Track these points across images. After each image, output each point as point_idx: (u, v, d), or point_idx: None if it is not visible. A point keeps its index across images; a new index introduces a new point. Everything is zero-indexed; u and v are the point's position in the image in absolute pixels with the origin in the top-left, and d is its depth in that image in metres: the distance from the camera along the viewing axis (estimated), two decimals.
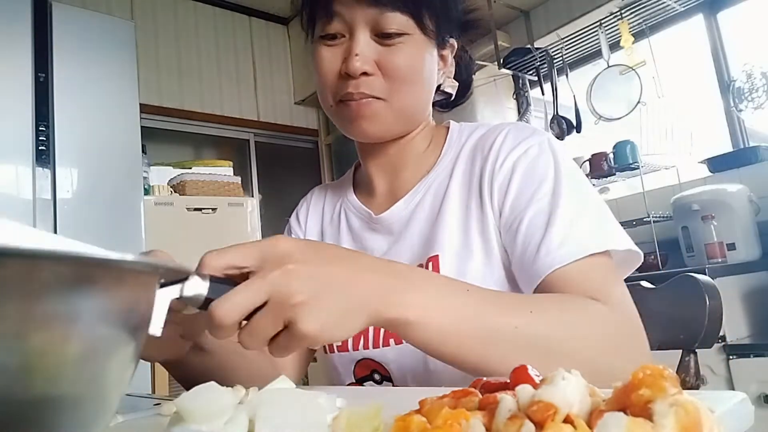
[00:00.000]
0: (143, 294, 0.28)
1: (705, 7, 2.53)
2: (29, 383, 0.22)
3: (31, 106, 2.01)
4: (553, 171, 0.64)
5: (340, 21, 0.66)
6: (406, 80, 0.67)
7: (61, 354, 0.23)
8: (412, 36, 0.66)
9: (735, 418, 0.30)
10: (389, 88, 0.66)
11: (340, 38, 0.67)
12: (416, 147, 0.76)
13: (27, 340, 0.22)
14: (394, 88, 0.66)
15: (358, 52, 0.65)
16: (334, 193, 0.86)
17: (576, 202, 0.62)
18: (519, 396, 0.27)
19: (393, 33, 0.65)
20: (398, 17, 0.65)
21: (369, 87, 0.66)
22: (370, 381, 0.72)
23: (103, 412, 0.27)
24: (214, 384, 0.35)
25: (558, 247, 0.59)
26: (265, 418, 0.33)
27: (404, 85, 0.67)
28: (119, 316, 0.26)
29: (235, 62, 3.38)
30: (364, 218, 0.78)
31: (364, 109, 0.67)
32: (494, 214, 0.66)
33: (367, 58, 0.65)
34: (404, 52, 0.66)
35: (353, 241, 0.79)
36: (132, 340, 0.28)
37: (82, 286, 0.24)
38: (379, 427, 0.30)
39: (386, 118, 0.68)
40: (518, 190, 0.65)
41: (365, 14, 0.65)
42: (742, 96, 2.36)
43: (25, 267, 0.22)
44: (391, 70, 0.66)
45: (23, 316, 0.22)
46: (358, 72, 0.65)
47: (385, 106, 0.67)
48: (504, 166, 0.67)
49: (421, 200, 0.73)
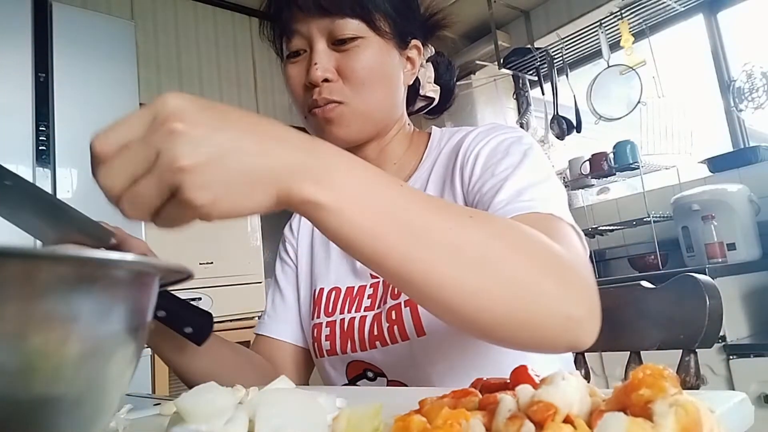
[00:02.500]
0: (143, 294, 0.28)
1: (705, 7, 2.53)
2: (29, 383, 0.22)
3: (31, 106, 2.01)
4: (520, 155, 0.65)
5: (300, 37, 0.70)
6: (364, 82, 0.69)
7: (61, 354, 0.23)
8: (367, 39, 0.69)
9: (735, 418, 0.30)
10: (350, 91, 0.69)
11: (303, 54, 0.71)
12: (394, 150, 0.78)
13: (27, 341, 0.22)
14: (354, 90, 0.69)
15: (317, 62, 0.68)
16: None
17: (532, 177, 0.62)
18: (519, 396, 0.27)
19: (347, 38, 0.68)
20: (350, 23, 0.68)
21: (331, 92, 0.68)
22: (363, 379, 0.73)
23: (103, 412, 0.27)
24: (214, 384, 0.35)
25: (505, 204, 0.59)
26: (265, 418, 0.33)
27: (364, 87, 0.69)
28: (119, 316, 0.26)
29: (235, 62, 3.38)
30: None
31: (329, 114, 0.69)
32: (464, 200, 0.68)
33: (325, 66, 0.68)
34: (360, 55, 0.68)
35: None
36: (132, 340, 0.28)
37: (82, 286, 0.24)
38: (379, 427, 0.30)
39: (351, 120, 0.70)
40: (482, 168, 0.66)
41: (319, 25, 0.68)
42: (742, 96, 2.36)
43: (25, 267, 0.22)
44: (349, 73, 0.68)
45: (23, 316, 0.22)
46: (319, 80, 0.67)
47: (348, 109, 0.69)
48: (472, 154, 0.69)
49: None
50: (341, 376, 0.74)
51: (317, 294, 0.78)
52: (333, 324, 0.74)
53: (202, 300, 2.45)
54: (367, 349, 0.71)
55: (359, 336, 0.71)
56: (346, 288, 0.76)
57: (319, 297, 0.78)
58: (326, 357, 0.75)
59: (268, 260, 2.99)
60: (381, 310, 0.71)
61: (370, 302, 0.73)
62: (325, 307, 0.76)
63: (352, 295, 0.75)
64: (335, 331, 0.74)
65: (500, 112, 3.21)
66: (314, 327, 0.76)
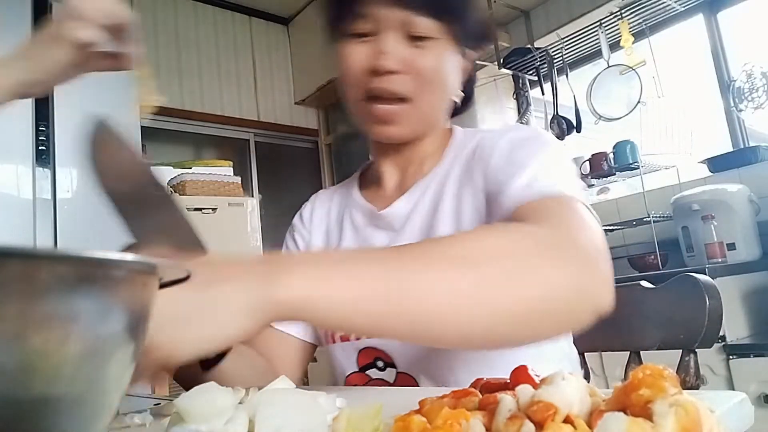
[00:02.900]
0: (143, 294, 0.28)
1: (705, 7, 2.53)
2: (29, 383, 0.22)
3: (31, 106, 2.01)
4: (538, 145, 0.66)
5: (371, 21, 0.68)
6: (432, 82, 0.68)
7: (61, 354, 0.23)
8: (440, 41, 0.69)
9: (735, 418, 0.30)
10: (416, 88, 0.68)
11: (369, 37, 0.69)
12: (427, 148, 0.78)
13: (27, 341, 0.22)
14: (421, 88, 0.68)
15: (390, 50, 0.66)
16: (342, 194, 0.87)
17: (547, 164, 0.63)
18: (519, 396, 0.27)
19: (423, 36, 0.67)
20: (428, 22, 0.67)
21: (397, 84, 0.67)
22: (373, 368, 0.72)
23: (103, 412, 0.27)
24: (214, 384, 0.35)
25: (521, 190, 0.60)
26: (265, 418, 0.33)
27: (431, 87, 0.69)
28: (119, 316, 0.26)
29: (235, 62, 3.38)
30: (367, 215, 0.79)
31: (391, 115, 0.69)
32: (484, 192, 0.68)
33: (396, 57, 0.66)
34: (433, 54, 0.68)
35: (356, 237, 0.79)
36: (132, 340, 0.28)
37: (82, 286, 0.24)
38: (379, 427, 0.30)
39: (411, 122, 0.70)
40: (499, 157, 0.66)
41: (396, 16, 0.67)
42: (742, 96, 2.36)
43: (25, 267, 0.22)
44: (420, 70, 0.67)
45: (23, 316, 0.22)
46: (389, 68, 0.66)
47: (410, 108, 0.69)
48: (490, 146, 0.69)
49: (420, 197, 0.74)
50: (351, 364, 0.74)
51: None
52: None
53: None
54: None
55: None
56: None
57: None
58: (338, 342, 0.74)
59: None
60: None
61: None
62: None
63: None
64: None
65: (500, 112, 3.21)
66: None
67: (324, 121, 3.66)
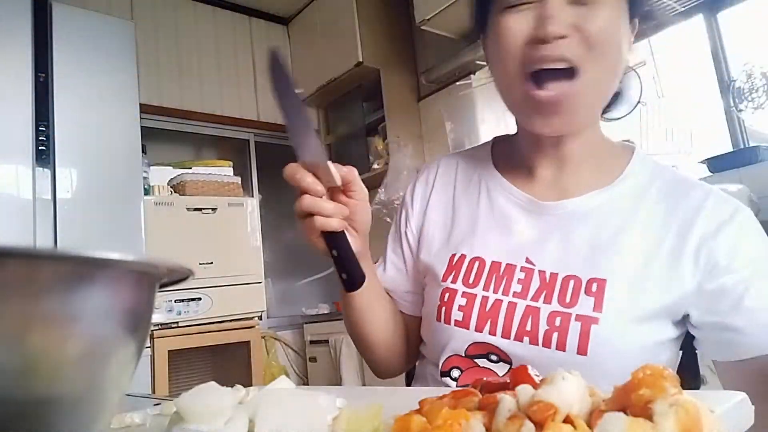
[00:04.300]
0: (143, 294, 0.28)
1: (705, 7, 2.53)
2: (29, 383, 0.22)
3: (31, 106, 2.01)
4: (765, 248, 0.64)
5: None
6: (604, 45, 0.60)
7: (61, 354, 0.23)
8: (609, 1, 0.61)
9: (735, 418, 0.30)
10: (586, 54, 0.60)
11: (528, 5, 0.62)
12: (587, 143, 0.71)
13: (27, 340, 0.22)
14: (592, 53, 0.60)
15: (553, 14, 0.59)
16: (469, 165, 0.81)
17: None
18: (519, 396, 0.27)
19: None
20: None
21: (566, 49, 0.60)
22: (484, 359, 0.68)
23: (102, 412, 0.27)
24: (214, 384, 0.35)
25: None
26: (265, 418, 0.33)
27: (602, 50, 0.61)
28: (119, 316, 0.26)
29: (235, 62, 3.38)
30: (516, 200, 0.73)
31: (555, 102, 0.62)
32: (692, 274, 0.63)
33: (561, 21, 0.59)
34: (604, 13, 0.60)
35: (495, 219, 0.74)
36: (132, 340, 0.28)
37: (82, 286, 0.24)
38: (379, 427, 0.30)
39: (576, 106, 0.63)
40: (745, 257, 0.63)
41: None
42: (742, 96, 2.36)
43: (25, 267, 0.22)
44: (590, 32, 0.59)
45: (23, 316, 0.22)
46: (555, 35, 0.59)
47: (579, 86, 0.61)
48: (730, 228, 0.63)
49: (595, 209, 0.69)
50: (460, 349, 0.69)
51: (457, 259, 0.72)
52: (473, 297, 0.68)
53: (202, 300, 2.45)
54: (510, 339, 0.65)
55: (505, 322, 0.65)
56: (491, 262, 0.70)
57: (458, 263, 0.72)
58: (453, 326, 0.69)
59: (268, 260, 2.99)
60: (538, 306, 0.64)
61: (521, 288, 0.66)
62: (465, 275, 0.70)
63: (498, 273, 0.69)
64: (473, 306, 0.68)
65: (500, 111, 3.21)
66: (446, 291, 0.70)
67: (324, 121, 3.66)
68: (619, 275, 0.63)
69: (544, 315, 0.64)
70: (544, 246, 0.68)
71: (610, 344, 0.61)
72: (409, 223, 0.82)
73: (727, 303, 0.61)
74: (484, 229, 0.73)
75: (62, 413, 0.24)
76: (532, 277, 0.67)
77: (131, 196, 2.20)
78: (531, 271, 0.67)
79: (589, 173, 0.72)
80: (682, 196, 0.67)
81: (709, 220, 0.64)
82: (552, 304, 0.64)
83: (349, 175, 0.63)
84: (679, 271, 0.63)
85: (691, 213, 0.65)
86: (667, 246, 0.64)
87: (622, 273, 0.63)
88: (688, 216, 0.65)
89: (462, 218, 0.76)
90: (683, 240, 0.64)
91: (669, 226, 0.65)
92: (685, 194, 0.67)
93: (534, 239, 0.69)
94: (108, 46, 2.24)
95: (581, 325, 0.61)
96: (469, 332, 0.67)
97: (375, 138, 3.16)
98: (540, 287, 0.66)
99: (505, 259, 0.69)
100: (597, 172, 0.72)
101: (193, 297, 2.43)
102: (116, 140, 2.20)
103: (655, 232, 0.66)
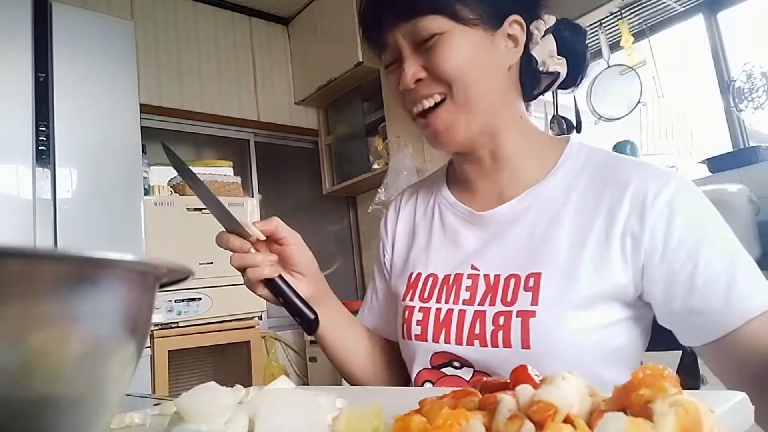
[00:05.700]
0: (143, 294, 0.28)
1: (705, 7, 2.53)
2: (29, 383, 0.22)
3: (31, 106, 2.01)
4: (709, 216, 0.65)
5: (391, 49, 0.72)
6: (454, 74, 0.68)
7: (61, 354, 0.23)
8: (449, 32, 0.68)
9: (735, 418, 0.30)
10: (442, 85, 0.69)
11: (393, 64, 0.73)
12: (510, 145, 0.74)
13: (27, 340, 0.22)
14: (448, 83, 0.68)
15: (405, 68, 0.69)
16: (427, 190, 0.88)
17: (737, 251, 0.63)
18: (519, 396, 0.27)
19: (427, 38, 0.68)
20: (429, 21, 0.67)
21: (425, 89, 0.69)
22: (449, 367, 0.71)
23: (102, 412, 0.27)
24: (214, 384, 0.35)
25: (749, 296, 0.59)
26: (265, 418, 0.33)
27: (458, 76, 0.68)
28: (119, 316, 0.26)
29: (235, 62, 3.38)
30: (460, 214, 0.78)
31: (434, 124, 0.70)
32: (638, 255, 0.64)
33: (413, 71, 0.69)
34: (441, 49, 0.68)
35: (445, 235, 0.79)
36: (132, 340, 0.28)
37: (82, 286, 0.24)
38: (379, 427, 0.30)
39: (457, 120, 0.70)
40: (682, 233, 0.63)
41: (403, 32, 0.69)
42: (742, 96, 2.36)
43: (25, 267, 0.22)
44: (436, 71, 0.68)
45: (23, 316, 0.22)
46: (409, 85, 0.69)
47: (450, 105, 0.69)
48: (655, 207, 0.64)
49: (528, 208, 0.72)
50: (424, 363, 0.73)
51: (413, 277, 0.78)
52: (427, 311, 0.73)
53: (202, 300, 2.45)
54: (463, 345, 0.68)
55: (457, 330, 0.69)
56: (443, 276, 0.75)
57: (415, 281, 0.78)
58: (414, 341, 0.74)
59: None
60: (485, 309, 0.68)
61: (469, 295, 0.71)
62: (420, 292, 0.76)
63: (448, 284, 0.73)
64: (428, 319, 0.72)
65: None
66: (406, 308, 0.76)
67: (324, 121, 3.66)
68: (553, 266, 0.66)
69: (490, 317, 0.67)
70: (487, 251, 0.73)
71: (549, 334, 0.63)
72: (385, 253, 0.89)
73: (681, 287, 0.62)
74: (436, 246, 0.79)
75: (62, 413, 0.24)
76: (479, 282, 0.71)
77: (131, 196, 2.20)
78: (477, 276, 0.72)
79: (527, 171, 0.74)
80: (611, 175, 0.69)
81: (635, 197, 0.65)
82: (496, 306, 0.67)
83: (269, 226, 0.74)
84: (611, 252, 0.64)
85: (619, 191, 0.67)
86: (597, 229, 0.66)
87: (555, 264, 0.66)
88: (617, 195, 0.67)
89: (420, 239, 0.83)
90: (612, 220, 0.66)
91: (599, 209, 0.67)
92: (613, 173, 0.69)
93: (477, 248, 0.74)
94: (108, 46, 2.24)
95: (521, 321, 0.64)
96: (428, 344, 0.72)
97: (375, 138, 3.17)
98: (486, 291, 0.70)
99: (453, 269, 0.74)
100: (534, 168, 0.74)
101: (193, 297, 2.43)
102: (116, 140, 2.20)
103: (585, 217, 0.68)
